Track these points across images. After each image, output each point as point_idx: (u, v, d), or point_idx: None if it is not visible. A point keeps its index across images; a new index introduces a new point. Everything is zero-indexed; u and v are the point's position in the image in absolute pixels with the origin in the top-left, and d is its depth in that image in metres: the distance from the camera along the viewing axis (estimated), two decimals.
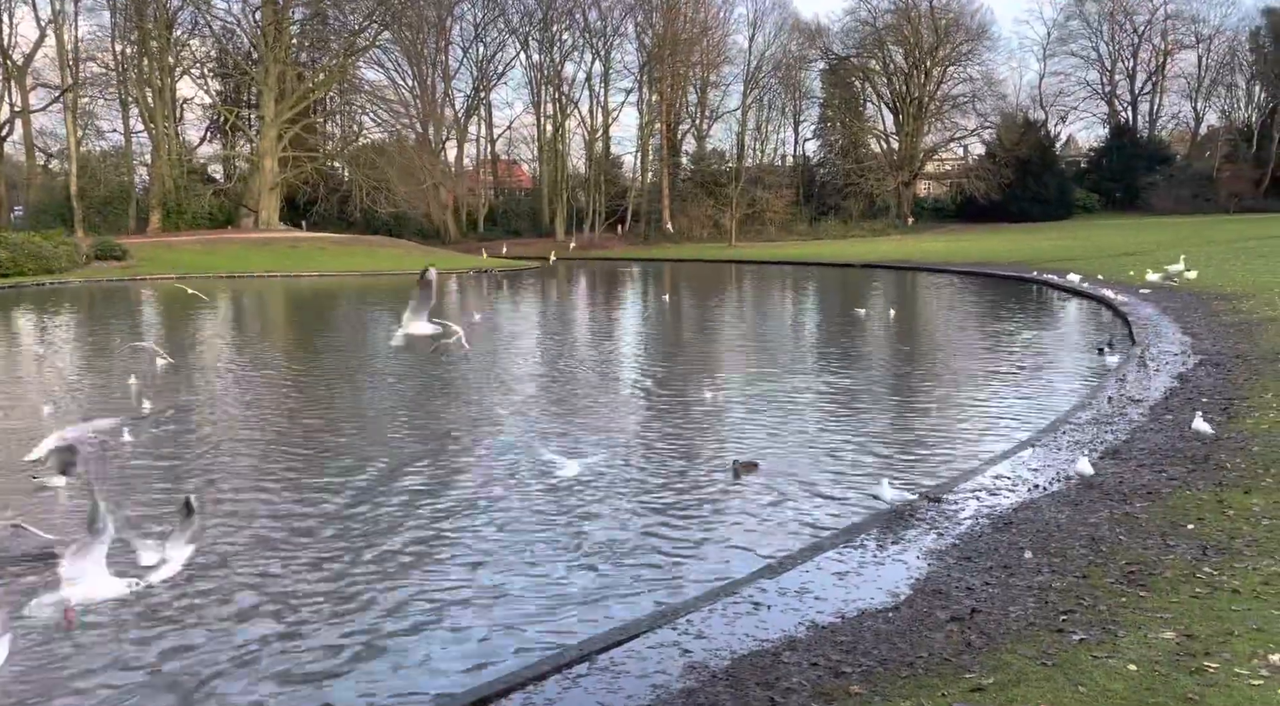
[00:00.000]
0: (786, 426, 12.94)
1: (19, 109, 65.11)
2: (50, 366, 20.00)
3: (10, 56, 63.89)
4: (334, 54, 73.09)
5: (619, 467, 10.90)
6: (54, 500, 9.48)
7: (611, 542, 8.40)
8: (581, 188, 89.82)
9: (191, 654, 6.43)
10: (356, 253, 60.70)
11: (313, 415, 14.31)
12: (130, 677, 6.12)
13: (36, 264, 45.94)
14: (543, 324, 29.83)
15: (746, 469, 10.30)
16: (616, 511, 9.31)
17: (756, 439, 12.15)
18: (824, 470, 10.65)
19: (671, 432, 12.75)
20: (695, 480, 10.34)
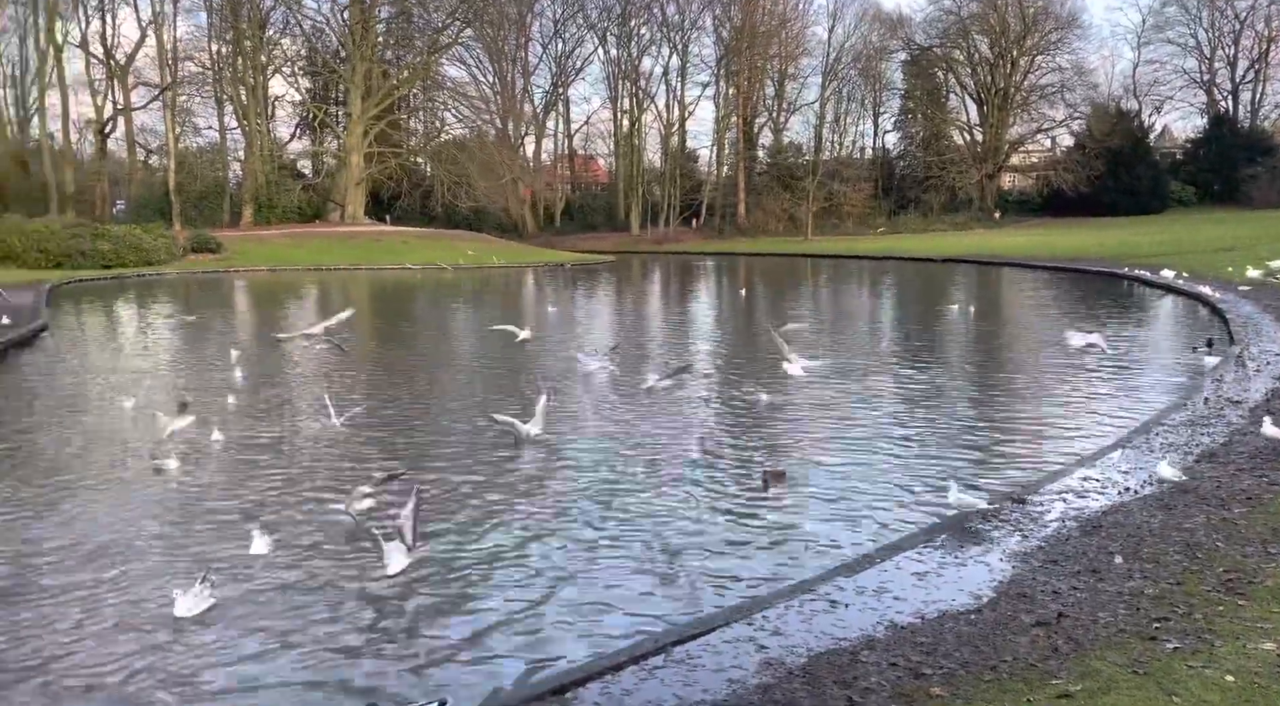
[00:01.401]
0: (864, 423, 12.77)
1: (121, 107, 68.01)
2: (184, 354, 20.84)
3: (114, 56, 66.80)
4: (418, 51, 74.60)
5: (695, 461, 10.91)
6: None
7: (686, 535, 8.42)
8: (657, 182, 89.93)
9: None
10: (437, 247, 61.87)
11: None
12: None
13: (137, 255, 48.07)
14: (618, 318, 29.97)
15: (775, 478, 9.78)
16: (692, 506, 9.32)
17: (834, 435, 12.02)
18: (903, 468, 10.49)
19: (742, 428, 12.70)
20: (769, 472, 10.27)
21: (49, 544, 8.36)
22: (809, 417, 13.23)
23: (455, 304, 35.44)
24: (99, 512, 9.29)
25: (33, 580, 7.60)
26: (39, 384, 17.27)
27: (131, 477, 10.62)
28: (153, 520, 9.09)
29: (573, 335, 23.68)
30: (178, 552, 8.22)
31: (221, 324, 27.68)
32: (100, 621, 6.84)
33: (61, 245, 45.56)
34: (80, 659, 6.30)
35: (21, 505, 9.50)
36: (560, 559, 7.97)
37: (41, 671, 6.13)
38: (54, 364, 19.62)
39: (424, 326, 28.49)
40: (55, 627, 6.74)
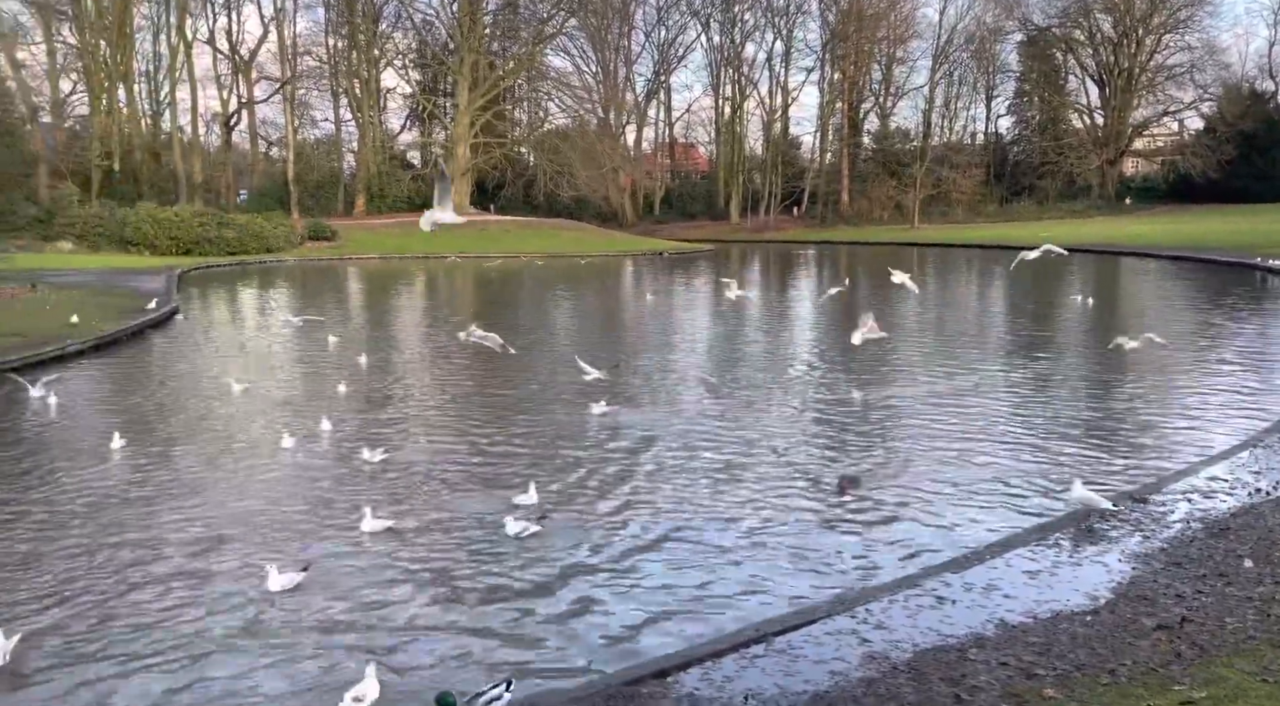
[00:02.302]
0: (977, 417, 12.43)
1: (245, 100, 71.16)
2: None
3: (238, 52, 69.88)
4: (523, 42, 75.62)
5: (804, 456, 10.82)
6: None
7: (789, 527, 8.37)
8: (758, 170, 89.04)
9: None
10: (539, 235, 62.75)
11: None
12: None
13: (258, 243, 50.36)
14: (714, 308, 29.87)
15: (850, 485, 9.36)
16: (793, 498, 9.25)
17: (948, 430, 11.75)
18: (1016, 463, 10.17)
19: (847, 424, 12.51)
20: (877, 471, 10.12)
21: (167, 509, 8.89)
22: (922, 410, 12.94)
23: (560, 293, 35.90)
24: (217, 480, 9.83)
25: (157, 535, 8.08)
26: (169, 362, 18.31)
27: (246, 451, 11.17)
28: (257, 498, 9.54)
29: (671, 327, 23.70)
30: (284, 527, 8.61)
31: (341, 312, 28.72)
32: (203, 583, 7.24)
33: (190, 232, 48.04)
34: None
35: (146, 468, 10.11)
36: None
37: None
38: (183, 344, 20.76)
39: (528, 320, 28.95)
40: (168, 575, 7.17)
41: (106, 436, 11.34)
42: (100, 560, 7.73)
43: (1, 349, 17.16)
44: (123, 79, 62.29)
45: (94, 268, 37.62)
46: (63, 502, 9.23)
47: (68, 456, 11.09)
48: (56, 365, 17.10)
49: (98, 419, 13.25)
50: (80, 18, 58.81)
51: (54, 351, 17.64)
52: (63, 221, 47.36)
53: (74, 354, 18.04)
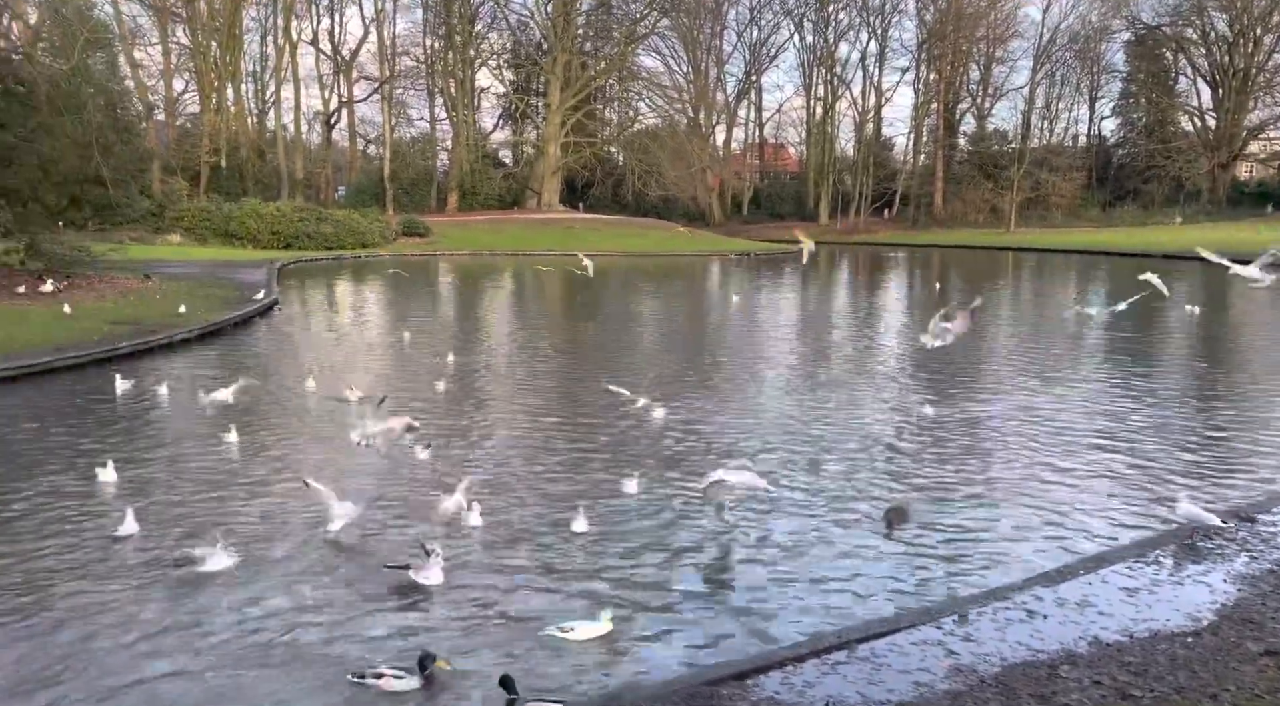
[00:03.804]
0: (1075, 429, 12.03)
1: (345, 99, 73.44)
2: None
3: (340, 52, 72.15)
4: (615, 42, 76.13)
5: (898, 465, 10.65)
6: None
7: (875, 536, 8.25)
8: (848, 171, 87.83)
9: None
10: (627, 233, 63.10)
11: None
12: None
13: (354, 238, 51.92)
14: (801, 310, 29.57)
15: (898, 517, 8.53)
16: (880, 508, 9.11)
17: (1045, 442, 11.41)
18: (1114, 475, 9.82)
19: (938, 434, 12.25)
20: (975, 480, 9.89)
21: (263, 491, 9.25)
22: (1021, 421, 12.60)
23: (645, 292, 36.04)
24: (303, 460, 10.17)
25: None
26: (271, 349, 19.05)
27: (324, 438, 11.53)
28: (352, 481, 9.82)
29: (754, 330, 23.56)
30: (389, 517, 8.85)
31: (432, 315, 29.37)
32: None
33: (291, 227, 49.81)
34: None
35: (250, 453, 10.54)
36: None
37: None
38: (280, 334, 21.57)
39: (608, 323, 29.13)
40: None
41: (213, 424, 11.84)
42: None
43: (115, 336, 18.09)
44: (231, 79, 64.91)
45: (201, 259, 39.31)
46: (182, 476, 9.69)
47: (187, 441, 11.63)
48: (165, 352, 17.97)
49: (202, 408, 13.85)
50: (193, 19, 61.51)
51: (163, 339, 18.51)
52: (173, 215, 49.62)
53: (181, 342, 18.90)
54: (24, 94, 24.53)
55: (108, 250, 28.17)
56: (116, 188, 29.11)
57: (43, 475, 9.83)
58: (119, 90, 35.88)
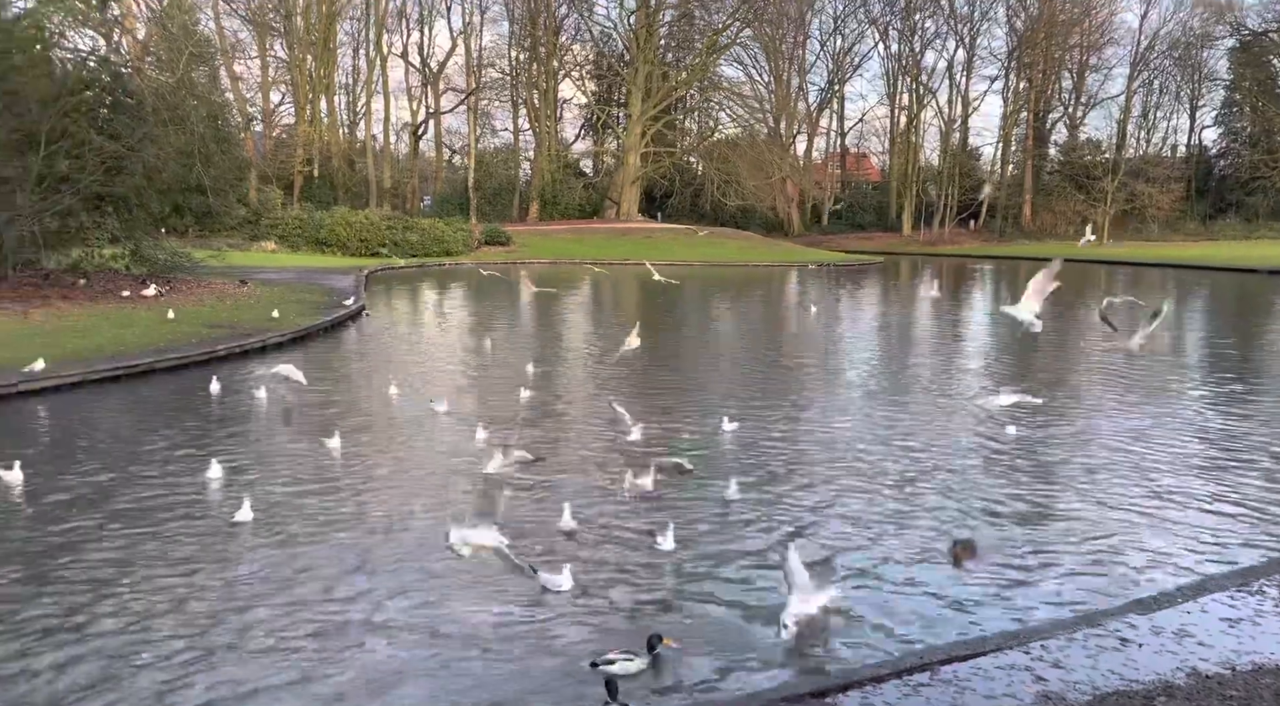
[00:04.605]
0: (1174, 446, 11.59)
1: (432, 111, 75.17)
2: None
3: (428, 65, 73.92)
4: (697, 53, 76.27)
5: (988, 485, 10.42)
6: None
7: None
8: (933, 181, 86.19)
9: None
10: (705, 243, 63.00)
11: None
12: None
13: (439, 246, 53.02)
14: (882, 323, 29.12)
15: (965, 552, 7.80)
16: (974, 525, 8.92)
17: (1145, 461, 11.02)
18: (1214, 501, 9.42)
19: (1025, 454, 11.93)
20: (1071, 502, 9.61)
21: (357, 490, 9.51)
22: (1118, 438, 12.20)
23: (722, 301, 35.97)
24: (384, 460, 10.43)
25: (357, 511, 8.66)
26: (355, 356, 19.59)
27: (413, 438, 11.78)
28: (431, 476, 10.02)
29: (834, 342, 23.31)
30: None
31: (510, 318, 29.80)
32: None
33: (378, 235, 51.13)
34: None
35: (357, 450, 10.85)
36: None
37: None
38: (368, 339, 22.16)
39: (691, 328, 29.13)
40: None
41: (309, 426, 12.22)
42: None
43: (213, 339, 18.83)
44: (325, 91, 67.10)
45: (293, 266, 40.62)
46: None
47: (283, 439, 12.05)
48: (259, 355, 18.63)
49: (302, 410, 14.31)
50: (291, 34, 63.80)
51: (257, 343, 19.20)
52: (268, 222, 51.40)
53: (274, 345, 19.57)
54: (133, 106, 25.77)
55: (207, 256, 29.36)
56: (216, 196, 30.33)
57: (153, 467, 10.30)
58: (220, 102, 37.40)
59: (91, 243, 27.55)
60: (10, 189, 21.56)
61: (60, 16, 25.34)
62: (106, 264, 27.89)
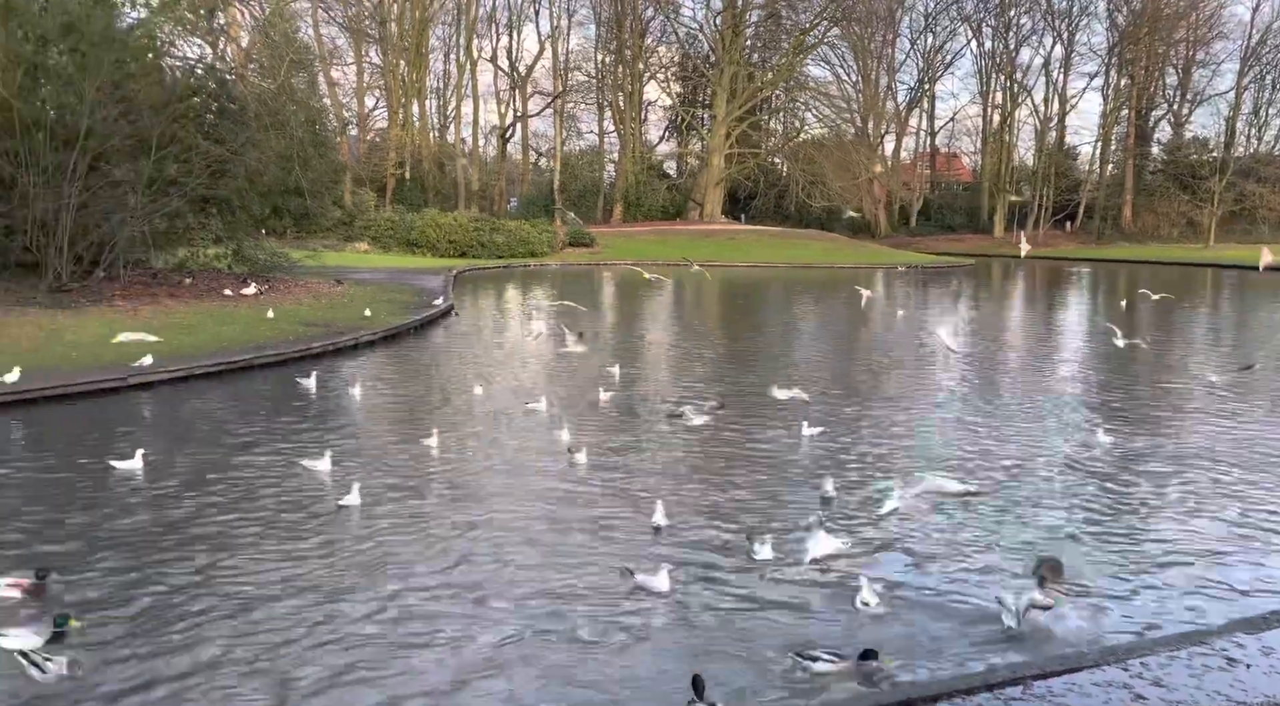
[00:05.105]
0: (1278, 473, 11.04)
1: (520, 114, 76.35)
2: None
3: (516, 69, 75.08)
4: (783, 53, 75.67)
5: (1078, 496, 10.11)
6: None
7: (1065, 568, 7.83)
8: (1027, 181, 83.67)
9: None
10: (788, 245, 62.44)
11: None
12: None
13: (524, 248, 53.76)
14: (972, 325, 28.40)
15: (1051, 573, 7.40)
16: (1064, 539, 8.65)
17: (1255, 480, 10.53)
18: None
19: (1125, 464, 11.50)
20: (1171, 515, 9.24)
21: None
22: (1225, 457, 11.68)
23: (806, 302, 35.61)
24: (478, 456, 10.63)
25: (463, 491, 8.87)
26: (444, 354, 20.02)
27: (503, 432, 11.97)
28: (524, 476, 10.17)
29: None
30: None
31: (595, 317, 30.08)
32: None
33: (466, 236, 52.13)
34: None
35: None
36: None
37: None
38: (457, 338, 22.62)
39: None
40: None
41: (401, 421, 12.55)
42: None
43: (309, 337, 19.48)
44: (417, 95, 68.74)
45: (384, 266, 41.70)
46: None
47: (380, 433, 12.42)
48: (351, 353, 19.20)
49: (394, 405, 14.71)
50: (385, 40, 65.56)
51: (350, 341, 19.79)
52: (361, 224, 52.90)
53: (366, 343, 20.14)
54: (236, 112, 26.85)
55: (303, 256, 30.37)
56: (313, 198, 31.37)
57: (256, 456, 10.74)
58: (318, 108, 38.71)
59: (196, 243, 28.78)
60: (123, 191, 22.67)
61: (170, 26, 26.58)
62: (210, 263, 29.10)
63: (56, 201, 20.93)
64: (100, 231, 22.53)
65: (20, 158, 20.72)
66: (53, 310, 19.46)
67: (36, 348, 16.08)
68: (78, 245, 22.20)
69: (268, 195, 28.74)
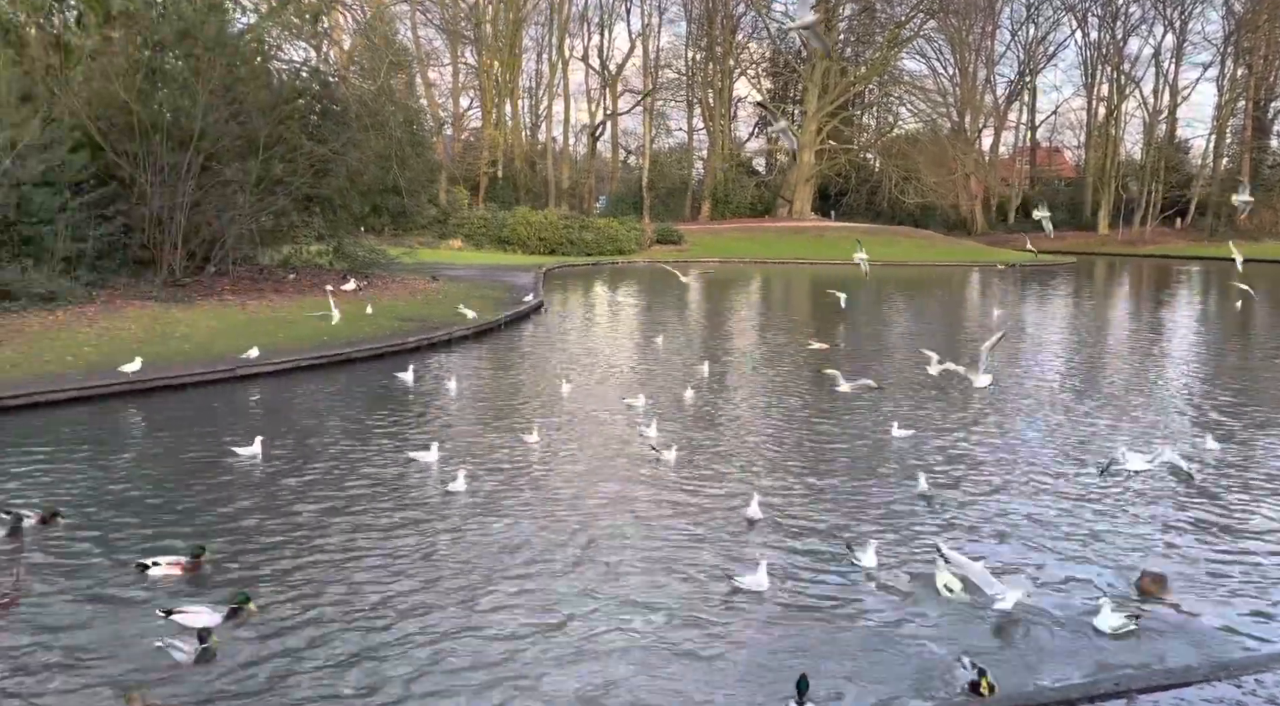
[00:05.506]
0: None
1: (610, 112, 76.79)
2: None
3: (607, 67, 75.58)
4: (877, 47, 74.28)
5: (1185, 504, 9.71)
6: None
7: (1171, 577, 7.52)
8: (1134, 176, 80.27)
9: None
10: (880, 242, 61.21)
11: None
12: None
13: (612, 245, 54.10)
14: (1072, 327, 27.42)
15: (1155, 584, 7.31)
16: (1167, 550, 8.31)
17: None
18: None
19: (1238, 474, 10.97)
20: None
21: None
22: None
23: (898, 302, 34.94)
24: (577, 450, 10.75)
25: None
26: (535, 349, 20.31)
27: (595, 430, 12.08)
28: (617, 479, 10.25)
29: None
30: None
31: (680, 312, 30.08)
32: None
33: (556, 234, 52.75)
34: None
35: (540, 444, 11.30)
36: None
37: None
38: (548, 333, 22.93)
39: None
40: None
41: (495, 413, 12.79)
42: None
43: (404, 332, 20.01)
44: (510, 95, 69.83)
45: (477, 263, 42.51)
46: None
47: (475, 425, 12.72)
48: (445, 348, 19.65)
49: (485, 399, 15.00)
50: (480, 41, 66.78)
51: (444, 336, 20.26)
52: (455, 221, 54.01)
53: (459, 338, 20.59)
54: (338, 113, 27.70)
55: (401, 254, 31.16)
56: (410, 197, 32.16)
57: (363, 444, 11.12)
58: (415, 108, 39.65)
59: (300, 240, 29.82)
60: (233, 190, 23.65)
61: (277, 30, 27.60)
62: (312, 260, 30.12)
63: (172, 200, 21.98)
64: (211, 229, 23.56)
65: (139, 159, 21.82)
66: (167, 304, 20.43)
67: (152, 339, 16.92)
68: (190, 242, 23.25)
69: (367, 194, 29.56)
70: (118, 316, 18.56)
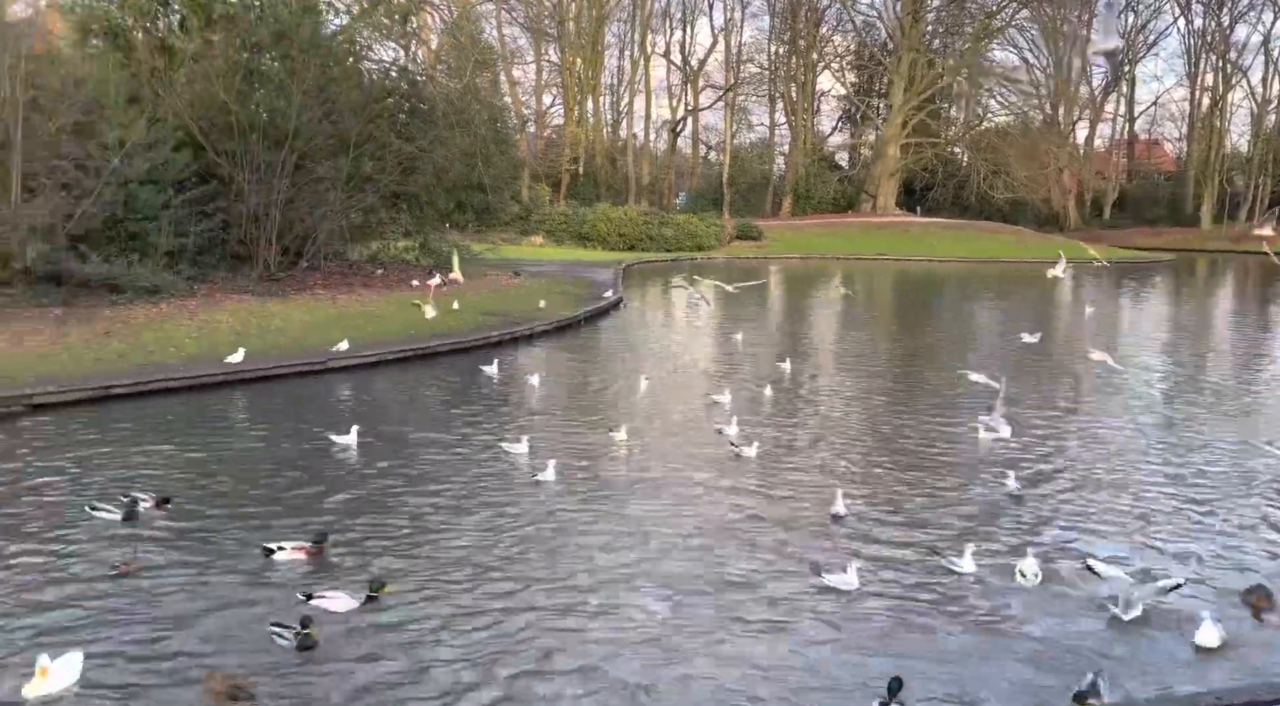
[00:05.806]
0: None
1: (691, 108, 76.66)
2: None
3: (689, 62, 75.48)
4: (966, 38, 72.43)
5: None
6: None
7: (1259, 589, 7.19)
8: (1240, 170, 76.56)
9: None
10: (967, 238, 59.90)
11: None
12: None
13: (692, 241, 54.00)
14: (1170, 327, 26.36)
15: (1263, 601, 6.96)
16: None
17: None
18: None
19: None
20: None
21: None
22: None
23: (984, 299, 34.08)
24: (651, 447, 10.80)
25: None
26: (612, 344, 20.45)
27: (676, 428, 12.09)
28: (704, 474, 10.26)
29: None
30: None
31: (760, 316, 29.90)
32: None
33: (636, 230, 52.91)
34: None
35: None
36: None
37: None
38: (626, 329, 23.05)
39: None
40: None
41: (577, 406, 12.94)
42: None
43: (487, 327, 20.37)
44: (592, 92, 70.29)
45: (558, 259, 42.93)
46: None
47: (560, 419, 12.91)
48: (526, 342, 19.93)
49: (566, 393, 15.18)
50: (563, 38, 67.39)
51: (525, 330, 20.56)
52: (537, 218, 54.63)
53: (540, 333, 20.85)
54: (425, 111, 28.29)
55: (484, 250, 31.67)
56: (494, 193, 32.66)
57: (450, 434, 11.42)
58: (500, 106, 40.21)
59: (388, 236, 30.55)
60: (325, 187, 24.37)
61: (368, 31, 28.33)
62: (399, 256, 30.84)
63: (267, 198, 22.76)
64: (304, 225, 24.32)
65: (237, 157, 22.65)
66: (262, 298, 21.17)
67: (248, 332, 17.58)
68: (284, 238, 24.04)
69: (453, 191, 30.11)
70: (216, 309, 19.33)
